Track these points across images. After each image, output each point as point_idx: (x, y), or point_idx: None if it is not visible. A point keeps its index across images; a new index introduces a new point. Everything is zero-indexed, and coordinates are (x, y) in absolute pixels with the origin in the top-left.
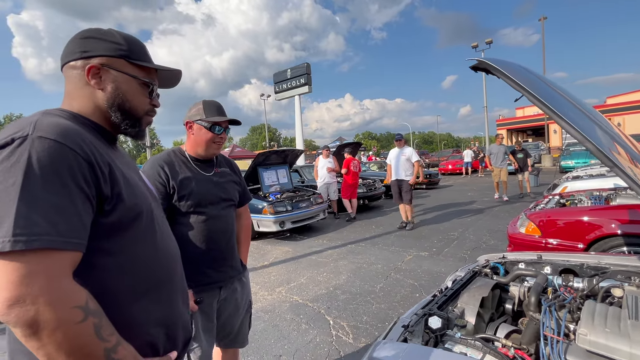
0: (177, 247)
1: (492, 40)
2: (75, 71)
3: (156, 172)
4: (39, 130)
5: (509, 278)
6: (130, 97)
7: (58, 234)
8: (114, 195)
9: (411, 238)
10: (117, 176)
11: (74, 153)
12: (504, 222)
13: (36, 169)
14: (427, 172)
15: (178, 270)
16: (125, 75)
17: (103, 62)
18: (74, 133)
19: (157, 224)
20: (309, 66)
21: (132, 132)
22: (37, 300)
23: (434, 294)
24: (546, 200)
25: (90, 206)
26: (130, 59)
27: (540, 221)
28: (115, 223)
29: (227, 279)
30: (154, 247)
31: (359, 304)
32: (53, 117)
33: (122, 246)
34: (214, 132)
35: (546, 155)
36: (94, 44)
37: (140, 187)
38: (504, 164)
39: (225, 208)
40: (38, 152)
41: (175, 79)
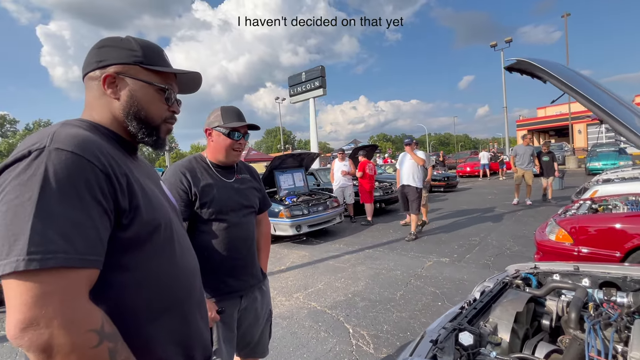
0: (196, 260)
1: (512, 39)
2: (93, 82)
3: (178, 179)
4: (56, 142)
5: (544, 291)
6: (146, 104)
7: (74, 251)
8: (132, 208)
9: (430, 243)
10: (135, 188)
11: (91, 165)
12: (527, 227)
13: (52, 183)
14: (445, 175)
15: (197, 285)
16: (140, 82)
17: (118, 71)
18: (92, 144)
19: (176, 237)
20: (324, 69)
21: (150, 141)
22: (51, 323)
23: (462, 305)
24: (577, 205)
25: (107, 220)
26: (144, 64)
27: (572, 228)
28: (133, 237)
29: (248, 288)
30: (173, 261)
31: (378, 312)
32: (72, 127)
33: (140, 261)
34: (233, 139)
35: (571, 156)
36: (109, 52)
37: (159, 198)
38: (530, 167)
39: (246, 215)
40: (55, 165)
41: (195, 83)
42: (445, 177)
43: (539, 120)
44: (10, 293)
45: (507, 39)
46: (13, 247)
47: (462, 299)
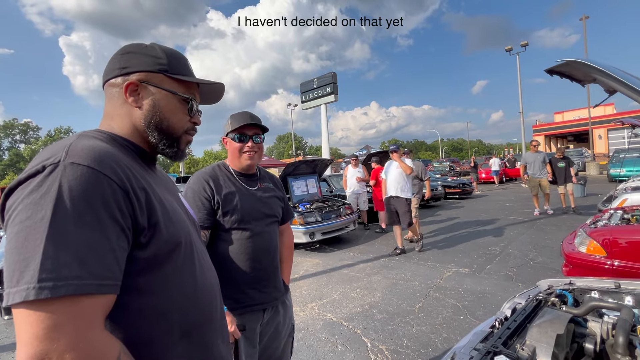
0: (216, 277)
1: (528, 43)
2: (114, 89)
3: (201, 186)
4: (71, 156)
5: (583, 310)
6: (168, 114)
7: (89, 275)
8: (151, 225)
9: (448, 253)
10: (154, 203)
11: (109, 180)
12: (550, 237)
13: (67, 200)
14: (460, 182)
15: (218, 306)
16: (164, 91)
17: (141, 78)
18: (109, 157)
19: (196, 255)
20: (335, 75)
21: (170, 152)
22: (64, 357)
23: (492, 324)
24: (607, 215)
25: (125, 240)
26: (169, 73)
27: (604, 240)
28: (151, 257)
29: (270, 301)
30: (193, 282)
31: (397, 325)
32: (89, 139)
33: (159, 283)
34: (241, 142)
35: (591, 162)
36: (133, 59)
37: (179, 213)
38: (544, 174)
39: (269, 225)
40: (69, 181)
41: (217, 94)
42: (461, 183)
43: (557, 125)
44: (20, 324)
45: (522, 43)
46: (24, 273)
47: (485, 313)
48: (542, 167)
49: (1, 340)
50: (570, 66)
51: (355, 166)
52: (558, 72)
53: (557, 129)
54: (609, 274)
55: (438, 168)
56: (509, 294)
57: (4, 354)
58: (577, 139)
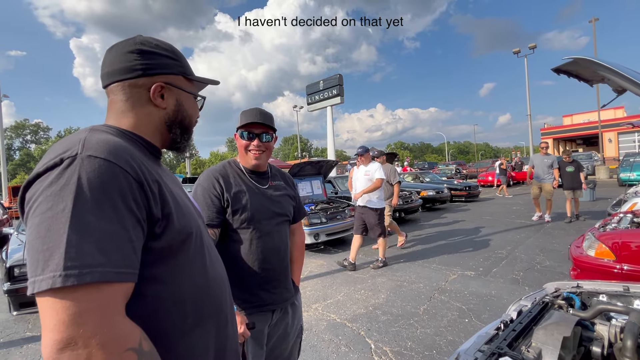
0: (224, 269)
1: (536, 45)
2: (135, 89)
3: (211, 184)
4: (88, 149)
5: (591, 313)
6: (190, 113)
7: (111, 264)
8: (164, 216)
9: (454, 255)
10: (166, 195)
11: (125, 172)
12: (558, 241)
13: (87, 192)
14: (466, 184)
15: (227, 298)
16: (185, 93)
17: (167, 81)
18: (123, 150)
19: (206, 247)
20: (341, 77)
21: (186, 145)
22: (90, 342)
23: (497, 326)
24: (616, 218)
25: (141, 230)
26: (187, 74)
27: (614, 243)
28: (165, 247)
29: (280, 302)
30: (204, 272)
31: (401, 326)
32: (101, 133)
33: (172, 273)
34: (245, 139)
35: (601, 166)
36: (155, 60)
37: (188, 206)
38: (549, 179)
39: (279, 224)
40: (88, 173)
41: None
42: (467, 186)
43: (566, 129)
44: (46, 311)
45: (530, 45)
46: (49, 261)
47: (491, 316)
48: (548, 171)
49: (10, 336)
50: (578, 64)
51: None
52: (565, 71)
53: (566, 132)
54: (618, 278)
55: (444, 171)
56: (515, 297)
57: (13, 349)
58: (587, 143)
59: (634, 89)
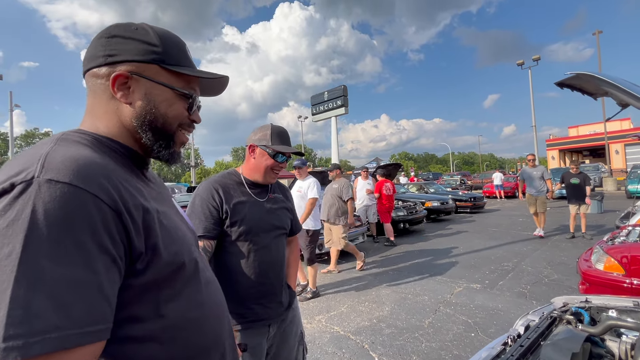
0: (222, 295)
1: (540, 57)
2: (98, 81)
3: (210, 194)
4: (48, 170)
5: (601, 329)
6: (164, 111)
7: (71, 324)
8: (149, 248)
9: (459, 267)
10: (153, 221)
11: (96, 200)
12: (566, 254)
13: (43, 229)
14: (471, 195)
15: (226, 325)
16: (160, 86)
17: (132, 70)
18: (97, 169)
19: (201, 273)
20: (346, 88)
21: (166, 154)
22: None
23: (505, 341)
24: (625, 232)
25: (116, 271)
26: (165, 64)
27: (622, 257)
28: (149, 282)
29: (276, 317)
30: (199, 304)
31: (406, 340)
32: (70, 145)
33: (159, 310)
34: (276, 160)
35: (608, 178)
36: (121, 45)
37: (179, 228)
38: (542, 192)
39: (277, 237)
40: (46, 204)
41: (221, 85)
42: (472, 197)
43: (571, 140)
44: None
45: (534, 57)
46: None
47: (497, 330)
48: (540, 183)
49: None
50: (581, 79)
51: (365, 178)
52: (569, 85)
53: (572, 143)
54: (628, 292)
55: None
56: (522, 311)
57: None
58: (593, 154)
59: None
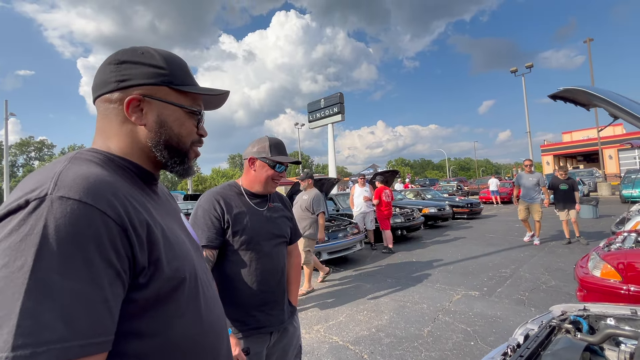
0: (222, 310)
1: (533, 64)
2: (111, 105)
3: (212, 205)
4: (60, 188)
5: (599, 338)
6: (177, 130)
7: (76, 335)
8: (152, 262)
9: (457, 274)
10: (156, 238)
11: (104, 216)
12: (563, 260)
13: (53, 244)
14: (468, 201)
15: (225, 340)
16: (170, 106)
17: (144, 93)
18: (106, 187)
19: (201, 289)
20: (342, 95)
21: (181, 170)
22: None
23: (504, 351)
24: (620, 237)
25: (120, 285)
26: (173, 84)
27: (619, 263)
28: (152, 297)
29: (278, 324)
30: (199, 320)
31: (405, 350)
32: (82, 164)
33: (160, 325)
34: (277, 171)
35: (603, 182)
36: (131, 70)
37: (183, 244)
38: (537, 198)
39: (277, 245)
40: (57, 219)
41: (220, 100)
42: (469, 203)
43: (566, 145)
44: None
45: (527, 65)
46: None
47: (497, 339)
48: (535, 190)
49: None
50: (572, 93)
51: (362, 185)
52: (562, 97)
53: (566, 148)
54: (624, 299)
55: (446, 187)
56: (521, 318)
57: None
58: (587, 159)
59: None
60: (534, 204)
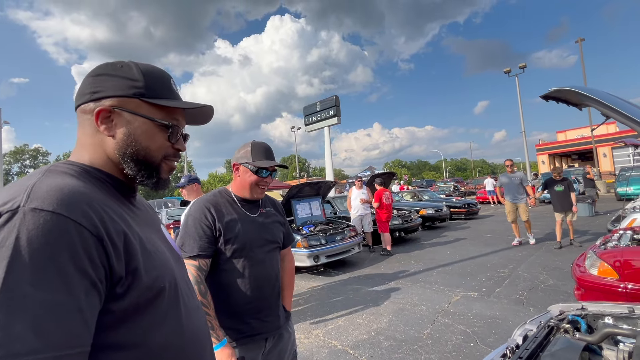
0: (204, 320)
1: (526, 65)
2: (85, 115)
3: (202, 214)
4: (33, 200)
5: (598, 337)
6: (145, 143)
7: (49, 347)
8: (129, 272)
9: (456, 275)
10: (134, 247)
11: (78, 227)
12: (560, 258)
13: (25, 255)
14: (465, 202)
15: (208, 351)
16: (140, 118)
17: (114, 104)
18: (80, 198)
19: (181, 298)
20: (338, 98)
21: (150, 183)
22: None
23: (504, 353)
24: (616, 235)
25: (96, 295)
26: (146, 97)
27: (615, 261)
28: (129, 308)
29: (273, 330)
30: (179, 330)
31: (405, 353)
32: (56, 176)
33: (139, 336)
34: (260, 176)
35: (598, 180)
36: (105, 82)
37: (162, 253)
38: (522, 198)
39: (271, 251)
40: (29, 231)
41: (206, 116)
42: (466, 204)
43: (560, 144)
44: None
45: (521, 65)
46: None
47: (496, 339)
48: (519, 190)
49: None
50: (563, 93)
51: (360, 188)
52: (554, 98)
53: (561, 147)
54: (622, 297)
55: (442, 188)
56: (520, 319)
57: None
58: (582, 157)
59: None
60: (521, 204)
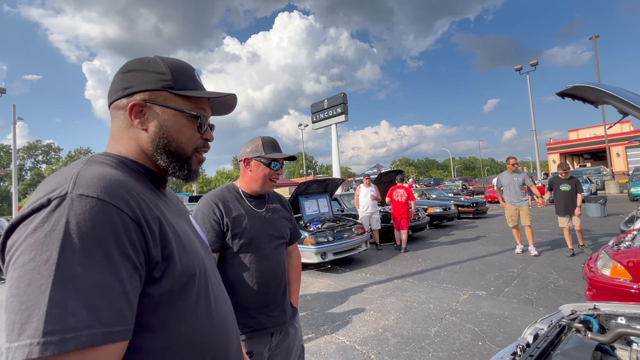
0: (232, 308)
1: (538, 62)
2: (119, 111)
3: (210, 209)
4: (79, 187)
5: (610, 337)
6: (177, 134)
7: (100, 323)
8: (165, 258)
9: (464, 274)
10: (168, 234)
11: (120, 212)
12: (571, 259)
13: (75, 239)
14: (473, 201)
15: (234, 338)
16: (170, 110)
17: (145, 98)
18: (120, 186)
19: (210, 286)
20: (346, 96)
21: (182, 174)
22: None
23: (514, 351)
24: (630, 236)
25: (138, 278)
26: (174, 89)
27: (629, 262)
28: (165, 292)
29: (279, 325)
30: (209, 316)
31: (413, 350)
32: (97, 166)
33: (172, 320)
34: (272, 169)
35: (610, 181)
36: (135, 77)
37: (193, 242)
38: (523, 201)
39: (277, 247)
40: (78, 215)
41: (230, 104)
42: (474, 202)
43: (572, 143)
44: None
45: (532, 62)
46: (26, 325)
47: (505, 339)
48: (521, 192)
49: None
50: (581, 90)
51: (368, 185)
52: (570, 95)
53: (573, 146)
54: (635, 298)
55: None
56: (529, 318)
57: None
58: (594, 157)
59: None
60: (524, 207)
